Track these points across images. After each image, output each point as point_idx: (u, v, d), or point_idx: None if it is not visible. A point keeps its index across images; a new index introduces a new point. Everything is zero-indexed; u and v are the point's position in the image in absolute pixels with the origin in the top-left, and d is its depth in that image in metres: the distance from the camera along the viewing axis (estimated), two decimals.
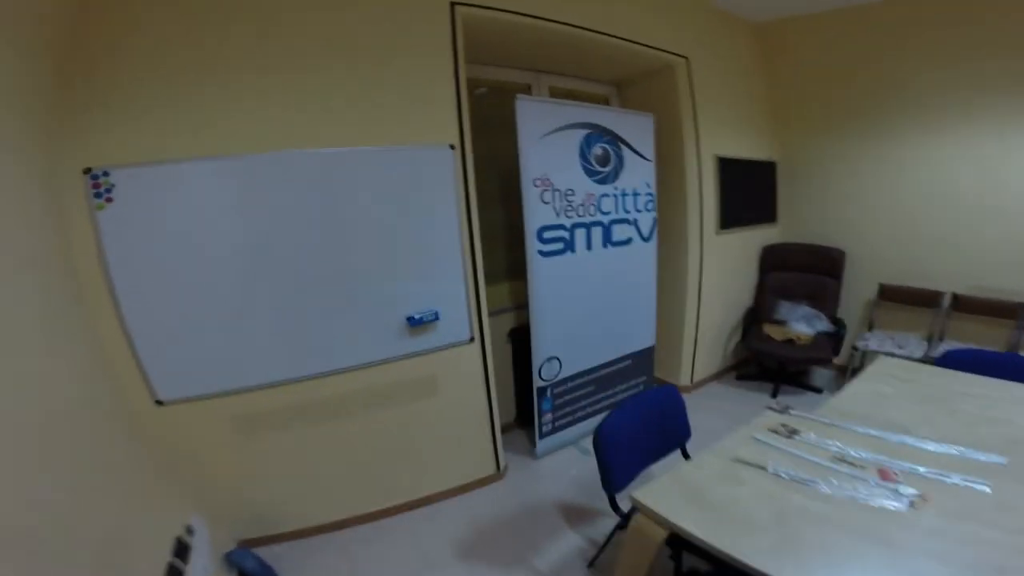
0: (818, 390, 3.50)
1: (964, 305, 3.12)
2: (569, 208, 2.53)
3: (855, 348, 3.38)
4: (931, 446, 1.61)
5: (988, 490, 1.38)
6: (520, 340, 2.83)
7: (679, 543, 1.36)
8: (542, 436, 2.76)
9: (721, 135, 3.29)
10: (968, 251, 3.09)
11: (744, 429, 1.75)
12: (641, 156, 2.87)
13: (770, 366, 3.70)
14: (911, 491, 1.38)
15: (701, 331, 3.45)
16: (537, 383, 2.61)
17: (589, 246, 2.66)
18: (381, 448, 2.26)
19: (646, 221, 2.94)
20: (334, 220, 1.98)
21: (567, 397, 2.78)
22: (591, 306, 2.73)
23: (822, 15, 3.26)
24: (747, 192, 3.54)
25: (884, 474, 1.48)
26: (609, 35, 2.51)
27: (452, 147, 2.12)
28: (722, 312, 3.57)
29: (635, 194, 2.85)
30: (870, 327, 3.51)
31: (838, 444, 1.64)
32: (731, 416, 3.11)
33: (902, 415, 1.82)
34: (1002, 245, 2.95)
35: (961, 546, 1.19)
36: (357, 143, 1.94)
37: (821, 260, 3.60)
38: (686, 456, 2.03)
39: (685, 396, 3.36)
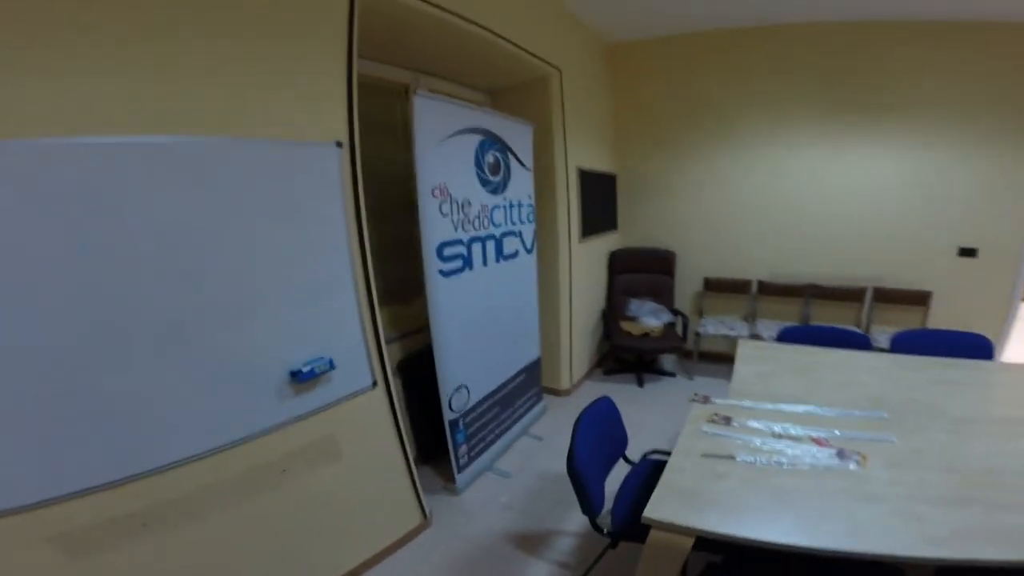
0: (671, 374, 3.99)
1: (766, 289, 3.89)
2: (466, 221, 2.32)
3: (697, 334, 3.88)
4: (828, 412, 1.89)
5: (895, 440, 1.64)
6: (411, 372, 2.49)
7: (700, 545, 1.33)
8: (460, 470, 2.45)
9: (582, 148, 3.53)
10: (767, 245, 3.97)
11: (689, 425, 1.78)
12: (524, 166, 2.82)
13: (628, 358, 4.07)
14: (852, 452, 1.54)
15: (573, 335, 3.59)
16: (448, 416, 2.30)
17: (485, 261, 2.49)
18: (279, 535, 1.67)
19: (528, 233, 2.91)
20: (175, 239, 1.32)
21: (478, 424, 2.55)
22: (489, 325, 2.56)
23: (659, 39, 3.82)
24: (598, 202, 3.88)
25: (819, 442, 1.65)
26: (502, 37, 2.39)
27: (339, 144, 1.70)
28: (586, 315, 3.82)
29: (519, 205, 2.78)
30: (701, 314, 4.09)
31: (767, 423, 1.79)
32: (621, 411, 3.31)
33: (791, 389, 2.12)
34: (791, 240, 3.89)
35: (920, 488, 1.37)
36: (214, 131, 1.38)
37: (657, 261, 4.19)
38: (629, 462, 2.01)
39: (567, 398, 3.51)
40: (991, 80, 3.10)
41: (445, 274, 2.19)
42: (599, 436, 1.78)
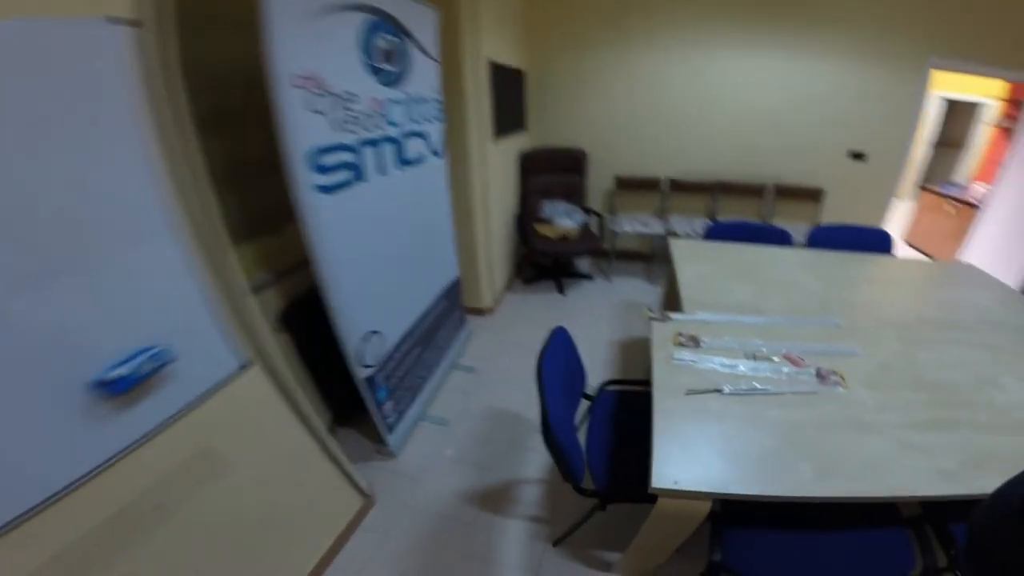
0: (589, 276, 3.88)
1: (677, 186, 3.82)
2: (352, 120, 1.64)
3: (613, 232, 3.75)
4: (785, 321, 1.82)
5: (859, 352, 1.59)
6: (302, 320, 1.91)
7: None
8: (391, 430, 2.07)
9: (494, 40, 2.89)
10: (677, 144, 3.87)
11: (658, 352, 1.58)
12: (428, 56, 2.12)
13: (544, 263, 3.86)
14: (830, 372, 1.45)
15: (492, 247, 3.22)
16: (362, 373, 1.83)
17: (383, 170, 1.86)
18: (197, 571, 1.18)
19: (436, 133, 2.29)
20: None
21: (400, 372, 2.11)
22: (396, 247, 2.01)
23: None
24: (508, 100, 3.34)
25: (794, 361, 1.53)
26: None
27: (121, 22, 0.92)
28: (500, 223, 3.44)
29: (423, 100, 2.12)
30: (612, 213, 3.93)
31: (735, 341, 1.66)
32: (553, 327, 3.12)
33: (740, 295, 2.02)
34: (699, 139, 3.83)
35: (906, 412, 1.35)
36: None
37: (569, 160, 3.89)
38: (589, 398, 1.81)
39: (491, 317, 3.22)
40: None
41: (327, 189, 1.55)
42: (562, 383, 1.48)
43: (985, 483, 1.08)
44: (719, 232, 2.74)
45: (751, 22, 3.37)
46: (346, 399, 2.03)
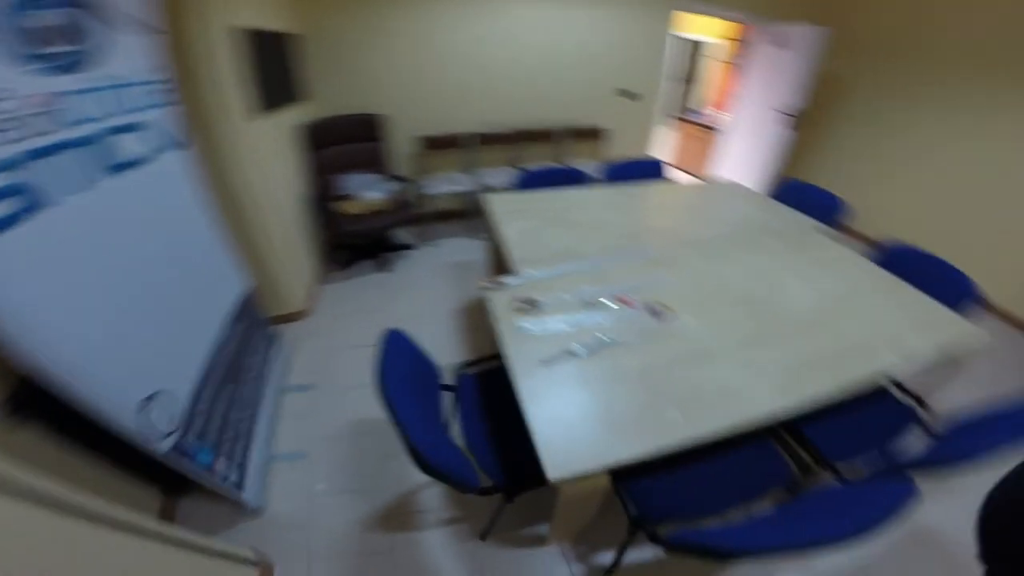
0: (411, 246, 3.65)
1: (480, 140, 3.75)
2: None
3: (428, 196, 3.56)
4: (607, 260, 1.92)
5: (677, 281, 1.73)
6: (50, 397, 1.29)
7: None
8: (241, 488, 1.63)
9: (242, 3, 2.26)
10: (474, 98, 3.76)
11: (502, 326, 1.52)
12: (135, 27, 1.51)
13: (358, 243, 3.49)
14: (659, 306, 1.54)
15: (286, 240, 2.69)
16: (161, 447, 1.34)
17: (80, 185, 1.28)
18: None
19: (164, 122, 1.69)
20: None
21: (215, 424, 1.63)
22: (137, 279, 1.44)
23: None
24: (277, 69, 2.70)
25: (625, 301, 1.60)
26: None
27: None
28: (290, 209, 2.86)
29: (132, 84, 1.52)
30: (422, 176, 3.73)
31: (566, 293, 1.68)
32: (387, 313, 2.82)
33: (562, 242, 2.08)
34: (495, 91, 3.78)
35: (733, 331, 1.50)
36: None
37: (364, 127, 3.50)
38: (449, 388, 1.68)
39: (310, 320, 2.78)
40: None
41: None
42: (414, 389, 1.29)
43: (811, 390, 1.31)
44: (528, 181, 2.79)
45: None
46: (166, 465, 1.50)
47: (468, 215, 4.13)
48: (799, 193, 2.76)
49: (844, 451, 1.48)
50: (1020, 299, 3.13)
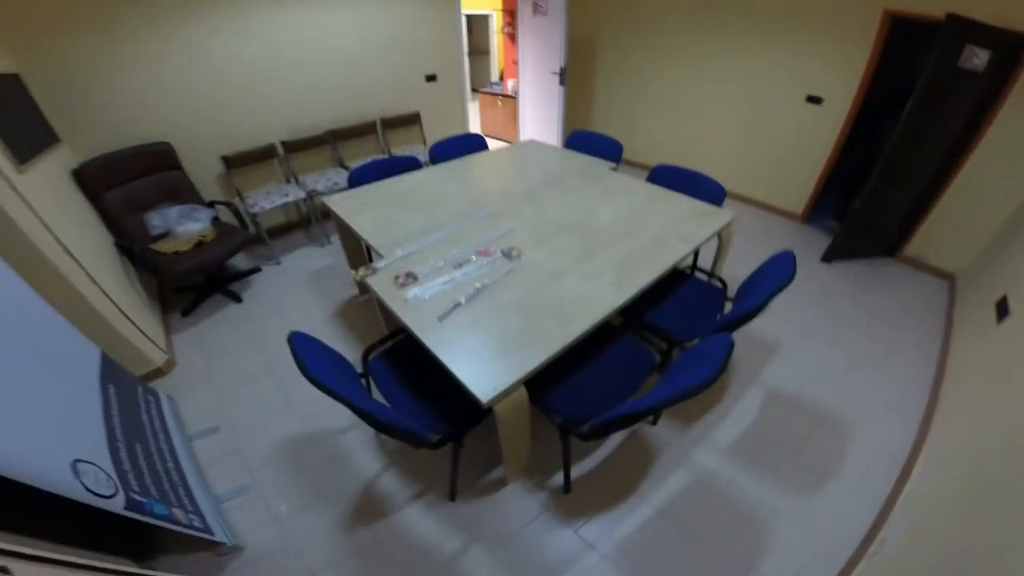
0: (256, 269, 3.54)
1: (292, 147, 3.75)
2: None
3: (253, 215, 3.42)
4: (459, 226, 2.28)
5: (516, 227, 2.16)
6: None
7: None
8: (208, 531, 1.64)
9: None
10: (275, 106, 3.64)
11: (393, 302, 1.78)
12: None
13: (197, 281, 3.26)
14: (510, 249, 1.95)
15: (115, 295, 2.41)
16: (116, 505, 1.31)
17: None
18: None
19: None
20: None
21: (149, 478, 1.57)
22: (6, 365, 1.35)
23: None
24: (13, 114, 2.28)
25: (484, 253, 1.97)
26: None
27: None
28: (103, 262, 2.51)
29: None
30: (240, 196, 3.56)
31: (438, 260, 2.01)
32: (261, 339, 2.79)
33: (415, 221, 2.36)
34: (297, 94, 3.71)
35: (568, 253, 1.99)
36: None
37: (152, 158, 3.15)
38: (364, 376, 1.91)
39: (177, 371, 2.64)
40: None
41: None
42: (342, 376, 1.49)
43: (637, 281, 1.83)
44: (360, 177, 2.91)
45: None
46: (129, 535, 1.42)
47: (305, 223, 4.08)
48: (585, 140, 3.47)
49: (683, 330, 2.05)
50: (743, 183, 4.48)
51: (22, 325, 1.56)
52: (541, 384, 1.71)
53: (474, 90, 8.18)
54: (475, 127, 6.23)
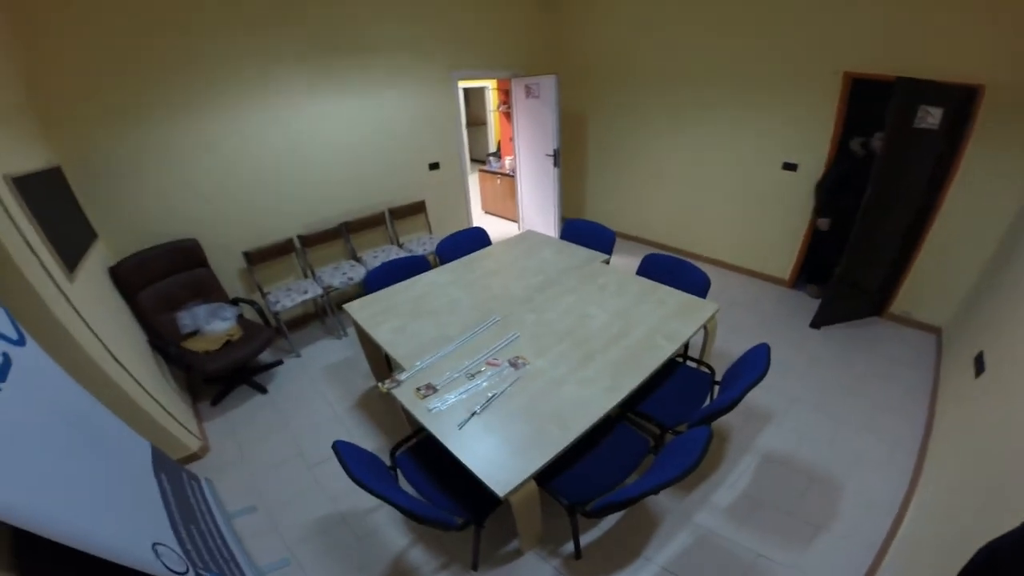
0: (279, 362, 3.85)
1: (308, 241, 4.12)
2: None
3: (275, 313, 3.76)
4: (469, 337, 2.59)
5: (519, 334, 2.46)
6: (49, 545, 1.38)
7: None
8: None
9: None
10: (292, 201, 4.06)
11: (416, 410, 2.09)
12: None
13: (224, 376, 3.55)
14: (516, 359, 2.24)
15: (154, 391, 2.70)
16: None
17: None
18: None
19: None
20: None
21: (205, 557, 1.80)
22: (80, 460, 1.56)
23: None
24: (61, 213, 2.59)
25: (492, 364, 2.27)
26: None
27: None
28: (140, 361, 2.81)
29: None
30: (261, 292, 3.91)
31: (453, 371, 2.31)
32: (289, 427, 3.13)
33: (428, 332, 2.67)
34: (310, 189, 4.13)
35: (567, 360, 2.26)
36: None
37: (182, 255, 3.51)
38: (392, 469, 2.20)
39: (210, 456, 2.93)
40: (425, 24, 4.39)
41: None
42: (378, 476, 1.82)
43: (628, 383, 2.14)
44: (375, 281, 3.27)
45: (315, 71, 3.83)
46: None
47: (321, 315, 4.42)
48: (579, 229, 3.87)
49: (673, 416, 2.35)
50: (732, 253, 4.90)
51: (85, 425, 1.82)
52: (548, 471, 1.98)
53: (473, 160, 8.79)
54: (476, 202, 6.71)
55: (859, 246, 3.51)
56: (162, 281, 3.36)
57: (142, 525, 1.65)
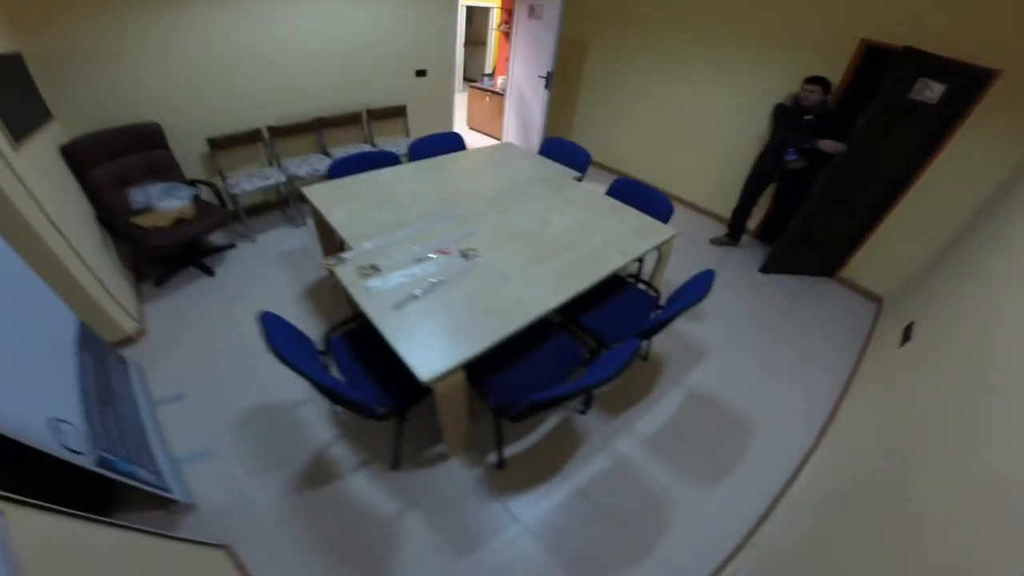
0: (231, 245, 3.77)
1: (278, 132, 4.00)
2: None
3: (233, 196, 3.66)
4: (425, 226, 2.57)
5: (478, 230, 2.46)
6: None
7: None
8: (167, 490, 1.91)
9: None
10: (269, 91, 3.90)
11: (354, 290, 2.08)
12: None
13: (172, 255, 3.49)
14: (468, 251, 2.25)
15: (95, 266, 2.66)
16: (89, 461, 1.58)
17: None
18: None
19: None
20: None
21: (115, 440, 1.82)
22: None
23: None
24: (10, 93, 2.48)
25: (443, 252, 2.28)
26: None
27: None
28: (85, 234, 2.75)
29: None
30: (222, 176, 3.78)
31: (401, 255, 2.30)
32: (233, 313, 3.10)
33: (386, 217, 2.64)
34: (286, 82, 3.96)
35: (518, 257, 2.28)
36: None
37: (140, 138, 3.38)
38: (324, 352, 2.18)
39: (146, 341, 2.86)
40: None
41: None
42: (300, 354, 1.79)
43: (572, 287, 2.15)
44: (340, 169, 3.18)
45: None
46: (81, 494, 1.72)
47: (281, 204, 4.31)
48: (559, 147, 3.78)
49: (613, 332, 2.39)
50: (712, 199, 4.90)
51: (6, 289, 1.76)
52: (482, 371, 2.02)
53: (467, 79, 8.47)
54: (461, 119, 6.54)
55: (824, 201, 3.57)
56: (117, 160, 3.23)
57: (45, 400, 1.59)
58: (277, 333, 1.75)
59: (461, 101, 6.49)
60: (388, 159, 3.39)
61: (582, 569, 1.98)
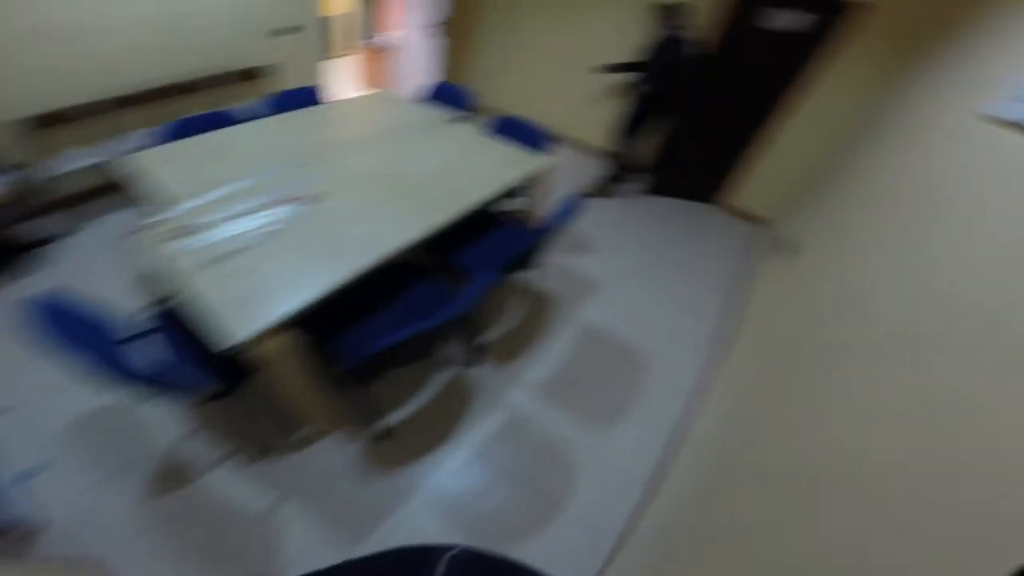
0: (52, 237, 3.17)
1: (122, 103, 3.43)
2: None
3: (46, 181, 3.11)
4: (268, 175, 2.21)
5: (326, 174, 2.18)
6: None
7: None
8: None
9: None
10: (98, 60, 3.27)
11: (160, 256, 1.70)
12: None
13: None
14: (313, 196, 1.92)
15: None
16: None
17: None
18: None
19: None
20: None
21: None
22: None
23: None
24: None
25: (278, 201, 1.94)
26: None
27: None
28: None
29: None
30: (40, 159, 3.17)
31: (224, 212, 1.93)
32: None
33: (218, 174, 2.24)
34: (123, 50, 3.37)
35: (373, 198, 1.96)
36: None
37: None
38: (129, 340, 1.75)
39: None
40: None
41: None
42: (94, 340, 1.44)
43: (431, 220, 1.94)
44: (179, 131, 2.69)
45: None
46: None
47: (122, 186, 3.70)
48: (443, 91, 3.47)
49: (484, 268, 2.12)
50: (582, 129, 4.86)
51: None
52: (332, 331, 1.73)
53: (358, 40, 7.83)
54: (344, 79, 6.11)
55: (688, 125, 3.66)
56: None
57: None
58: (60, 324, 1.40)
59: (358, 61, 6.20)
60: (236, 118, 2.92)
61: (490, 538, 1.80)
